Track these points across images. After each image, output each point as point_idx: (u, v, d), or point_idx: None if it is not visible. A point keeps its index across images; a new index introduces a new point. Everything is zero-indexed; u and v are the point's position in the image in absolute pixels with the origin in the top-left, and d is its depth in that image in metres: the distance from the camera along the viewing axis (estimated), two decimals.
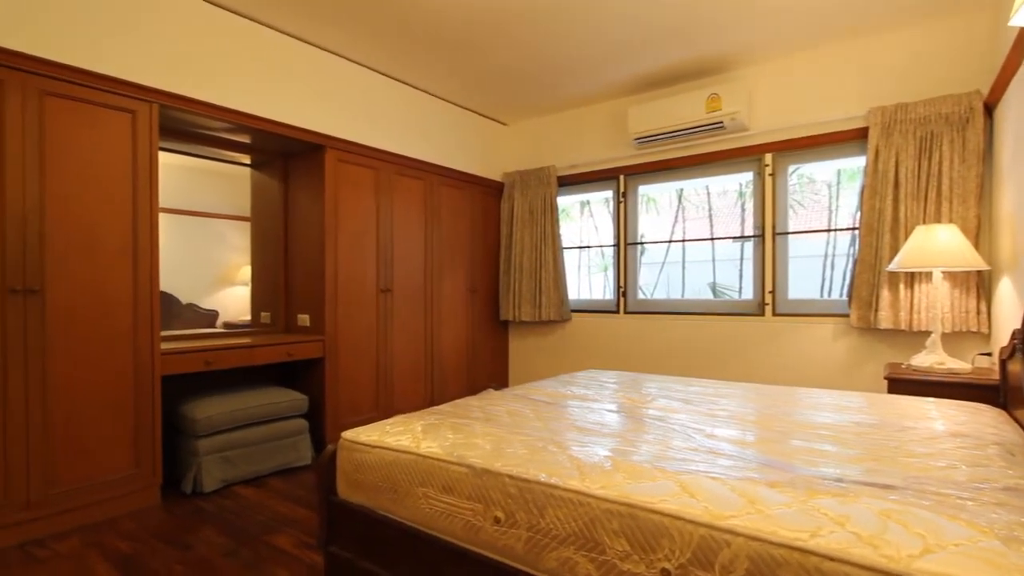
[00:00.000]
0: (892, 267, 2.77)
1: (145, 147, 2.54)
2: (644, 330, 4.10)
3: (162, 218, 2.74)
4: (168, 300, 3.12)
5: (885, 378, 2.65)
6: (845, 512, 1.03)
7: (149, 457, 2.55)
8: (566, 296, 4.41)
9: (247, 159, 3.55)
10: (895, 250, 3.01)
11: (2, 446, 2.14)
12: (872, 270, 3.12)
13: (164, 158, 2.92)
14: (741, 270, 4.14)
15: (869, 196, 3.12)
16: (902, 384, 2.58)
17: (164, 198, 2.79)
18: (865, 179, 3.14)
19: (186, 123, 2.92)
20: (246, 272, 3.60)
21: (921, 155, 2.97)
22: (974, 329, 2.82)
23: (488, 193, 4.67)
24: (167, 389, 2.94)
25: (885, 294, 3.03)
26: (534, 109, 4.46)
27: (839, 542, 0.94)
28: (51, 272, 2.27)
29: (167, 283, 3.00)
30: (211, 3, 2.78)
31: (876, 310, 3.07)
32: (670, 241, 4.56)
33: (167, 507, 2.57)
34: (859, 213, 3.19)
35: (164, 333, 2.92)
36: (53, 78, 2.26)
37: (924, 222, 2.95)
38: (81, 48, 2.34)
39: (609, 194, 4.40)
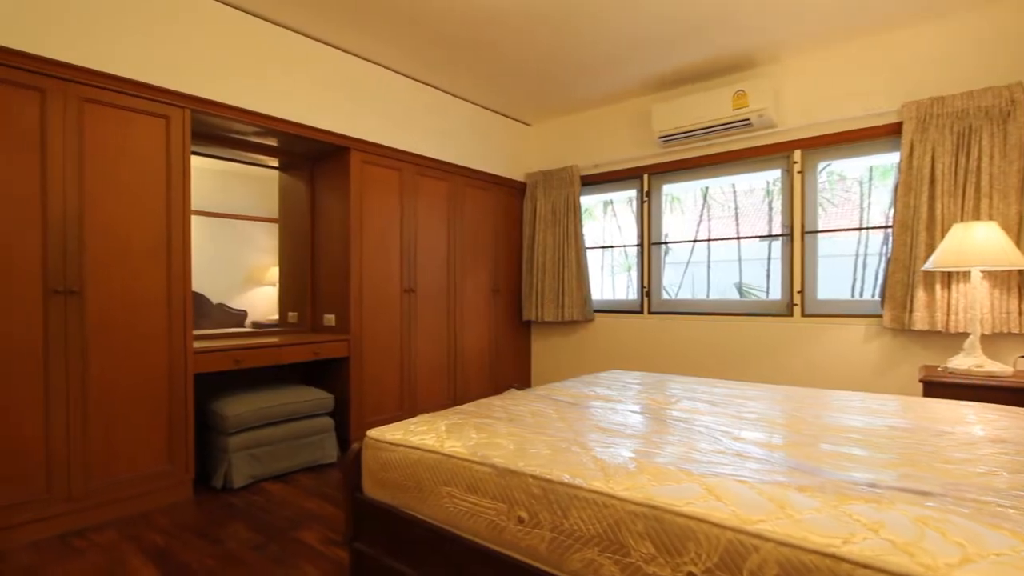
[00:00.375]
0: (928, 266, 2.69)
1: (178, 151, 2.62)
2: (668, 330, 4.06)
3: (193, 220, 2.81)
4: (199, 300, 3.20)
5: (920, 381, 2.57)
6: (879, 518, 1.00)
7: (182, 453, 2.63)
8: (589, 296, 4.38)
9: (275, 162, 3.62)
10: (931, 249, 2.91)
11: (45, 440, 2.23)
12: (906, 269, 3.03)
13: (195, 162, 2.99)
14: (768, 270, 4.05)
15: (903, 193, 3.03)
16: (938, 387, 2.50)
17: (195, 201, 2.86)
18: (899, 176, 3.05)
19: (216, 127, 2.99)
20: (274, 273, 3.67)
21: (959, 150, 2.86)
22: (1015, 331, 2.72)
23: (511, 193, 4.68)
24: (197, 387, 3.02)
25: (920, 294, 2.94)
26: (557, 109, 4.45)
27: (873, 549, 0.91)
28: (90, 273, 2.35)
29: (198, 283, 3.07)
30: (240, 9, 2.85)
31: (911, 311, 2.98)
32: (695, 240, 4.49)
33: (198, 502, 2.64)
34: (892, 211, 3.09)
35: (195, 332, 3.00)
36: (92, 85, 2.34)
37: (962, 219, 2.85)
38: (118, 56, 2.42)
39: (633, 193, 4.36)
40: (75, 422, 2.31)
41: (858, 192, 3.97)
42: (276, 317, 3.67)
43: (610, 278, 4.90)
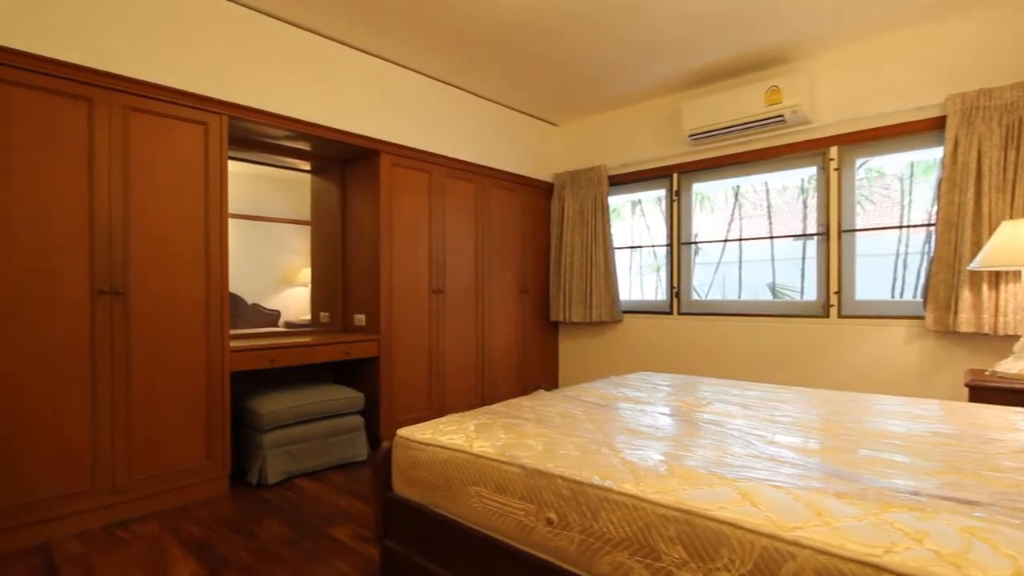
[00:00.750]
0: (974, 265, 2.57)
1: (216, 157, 2.70)
2: (698, 332, 3.99)
3: (229, 223, 2.89)
4: (234, 301, 3.29)
5: (966, 385, 2.46)
6: (923, 528, 0.96)
7: (220, 449, 2.71)
8: (617, 297, 4.35)
9: (307, 165, 3.70)
10: (977, 247, 2.79)
11: (92, 435, 2.32)
12: (951, 269, 2.91)
13: (231, 166, 3.08)
14: (803, 269, 3.95)
15: (947, 189, 2.91)
16: (986, 392, 2.40)
17: (231, 204, 2.95)
18: (943, 171, 2.93)
19: (252, 132, 3.07)
20: (306, 274, 3.75)
21: (1008, 144, 2.74)
22: None
23: (538, 194, 4.67)
24: (233, 385, 3.10)
25: (966, 295, 2.82)
26: (585, 108, 4.43)
27: (916, 560, 0.88)
28: (133, 275, 2.44)
29: (233, 284, 3.15)
30: (274, 17, 2.92)
31: (955, 312, 2.86)
32: (726, 240, 4.41)
33: (234, 496, 2.72)
34: (936, 208, 2.98)
35: (231, 332, 3.09)
36: (136, 94, 2.43)
37: (1011, 217, 2.72)
38: (160, 65, 2.51)
39: (662, 193, 4.30)
40: (119, 418, 2.40)
41: (898, 189, 3.83)
42: (308, 317, 3.75)
43: (639, 278, 4.85)
